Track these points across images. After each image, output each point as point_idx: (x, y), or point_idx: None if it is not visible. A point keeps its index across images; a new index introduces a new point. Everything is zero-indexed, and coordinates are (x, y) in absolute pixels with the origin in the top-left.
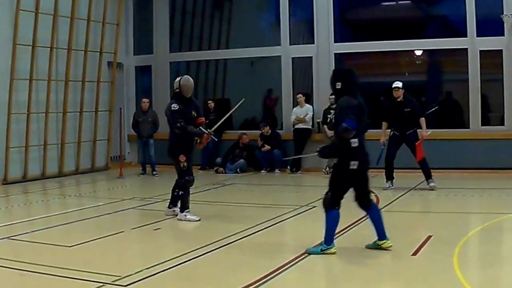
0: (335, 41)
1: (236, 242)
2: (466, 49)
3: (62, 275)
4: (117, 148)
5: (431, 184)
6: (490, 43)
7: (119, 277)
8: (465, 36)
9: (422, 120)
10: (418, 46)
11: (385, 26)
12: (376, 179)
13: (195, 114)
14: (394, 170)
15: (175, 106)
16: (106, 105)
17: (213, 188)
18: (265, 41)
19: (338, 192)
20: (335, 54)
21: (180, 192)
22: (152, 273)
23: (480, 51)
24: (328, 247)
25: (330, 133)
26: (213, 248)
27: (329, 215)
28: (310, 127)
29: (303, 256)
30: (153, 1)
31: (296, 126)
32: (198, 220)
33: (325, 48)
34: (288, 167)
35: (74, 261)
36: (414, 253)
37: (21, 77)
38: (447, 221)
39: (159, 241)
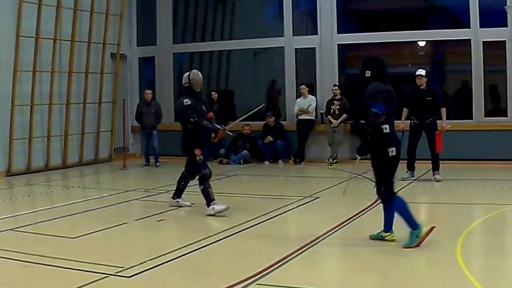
0: (338, 32)
1: (240, 232)
2: (470, 40)
3: (66, 266)
4: (121, 140)
5: (437, 176)
6: (494, 34)
7: (123, 268)
8: (469, 27)
9: (443, 110)
10: (422, 37)
11: (388, 17)
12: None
13: (205, 109)
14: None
15: (187, 101)
16: (109, 96)
17: (216, 179)
18: (269, 32)
19: (389, 180)
20: (338, 45)
21: (201, 187)
22: (156, 264)
23: (484, 42)
24: (417, 230)
25: (335, 123)
26: (217, 239)
27: (396, 207)
28: (313, 118)
29: (307, 246)
30: None
31: (299, 117)
32: (227, 209)
33: (328, 39)
34: (292, 158)
35: (78, 252)
36: (417, 245)
37: (25, 69)
38: (450, 212)
39: (163, 232)
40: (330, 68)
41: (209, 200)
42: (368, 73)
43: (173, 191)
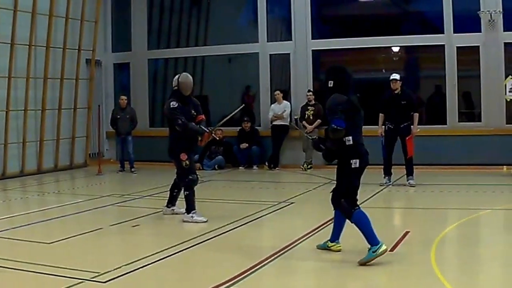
0: (313, 38)
1: (214, 238)
2: (443, 45)
3: (42, 271)
4: (96, 145)
5: (411, 182)
6: (467, 39)
7: (98, 274)
8: (442, 32)
9: (415, 116)
10: (396, 43)
11: (363, 23)
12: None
13: (195, 113)
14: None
15: (174, 104)
16: (84, 102)
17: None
18: (243, 38)
19: (351, 193)
20: (312, 50)
21: (186, 193)
22: (131, 270)
23: (457, 47)
24: (377, 246)
25: (310, 128)
26: (192, 245)
27: (355, 218)
28: (287, 123)
29: (281, 252)
30: None
31: (274, 123)
32: (205, 222)
33: (302, 45)
34: (266, 163)
35: (53, 257)
36: (392, 249)
37: (0, 75)
38: (424, 217)
39: (138, 238)
40: (304, 74)
41: (190, 208)
42: (331, 83)
43: (167, 200)
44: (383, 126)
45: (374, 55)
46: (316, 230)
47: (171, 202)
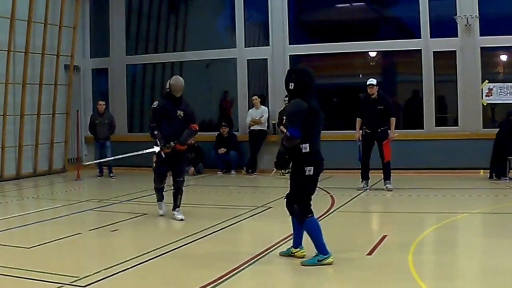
0: (290, 43)
1: (193, 242)
2: (420, 50)
3: (21, 276)
4: (75, 150)
5: (388, 186)
6: (444, 44)
7: (77, 278)
8: (419, 37)
9: (392, 120)
10: (373, 48)
11: (340, 28)
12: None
13: (181, 114)
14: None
15: (154, 104)
16: (63, 107)
17: (170, 189)
18: (221, 43)
19: (305, 199)
20: (290, 56)
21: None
22: (110, 274)
23: (434, 52)
24: (325, 256)
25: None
26: (170, 249)
27: (307, 226)
28: (265, 128)
29: (259, 256)
30: (109, 4)
31: (251, 128)
32: (160, 215)
33: (280, 50)
34: (244, 168)
35: (32, 262)
36: (369, 253)
37: None
38: (402, 221)
39: (117, 242)
40: (282, 79)
41: (157, 199)
42: (291, 85)
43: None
44: (360, 131)
45: (352, 60)
46: (292, 236)
47: (173, 204)
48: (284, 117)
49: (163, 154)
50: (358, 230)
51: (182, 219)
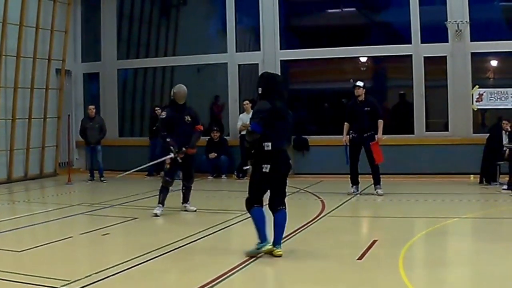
0: (281, 48)
1: (184, 246)
2: (411, 55)
3: (11, 279)
4: (66, 155)
5: (379, 191)
6: (435, 49)
7: (68, 282)
8: (410, 42)
9: (380, 122)
10: (363, 53)
11: (331, 33)
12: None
13: (189, 119)
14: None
15: (163, 115)
16: (54, 111)
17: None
18: (212, 48)
19: (253, 192)
20: (281, 61)
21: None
22: (101, 278)
23: (425, 57)
24: (262, 244)
25: None
26: (162, 253)
27: (252, 214)
28: None
29: (249, 261)
30: (100, 8)
31: (242, 133)
32: (155, 216)
33: (271, 55)
34: (235, 172)
35: (23, 265)
36: (360, 257)
37: None
38: (392, 225)
39: (108, 246)
40: None
41: (158, 201)
42: (260, 90)
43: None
44: (348, 135)
45: (342, 65)
46: (284, 239)
47: (184, 199)
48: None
49: (179, 159)
50: (348, 235)
51: (195, 210)
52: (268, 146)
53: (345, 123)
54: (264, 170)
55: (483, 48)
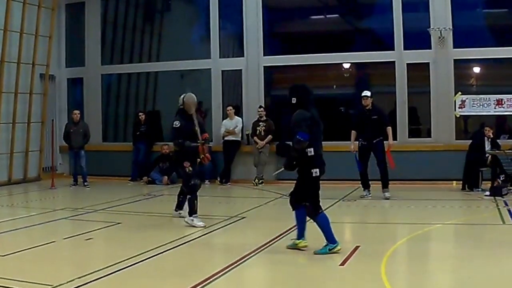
0: (265, 54)
1: (166, 252)
2: (394, 62)
3: None
4: (49, 159)
5: (386, 194)
6: (418, 56)
7: (51, 286)
8: (393, 49)
9: (389, 129)
10: (346, 59)
11: (314, 40)
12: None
13: (197, 129)
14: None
15: (176, 124)
16: (38, 116)
17: (144, 199)
18: (195, 54)
19: (313, 198)
20: (264, 67)
21: (188, 196)
22: (84, 282)
23: (408, 64)
24: (334, 245)
25: (261, 144)
26: (144, 258)
27: (318, 220)
28: (239, 139)
29: (233, 265)
30: (85, 14)
31: (225, 138)
32: (203, 227)
33: (254, 61)
34: (218, 178)
35: (6, 270)
36: (342, 263)
37: None
38: (375, 231)
39: (91, 251)
40: (256, 90)
41: (192, 211)
42: (294, 100)
43: (175, 204)
44: (356, 142)
45: (325, 71)
46: (267, 245)
47: (178, 206)
48: (259, 128)
49: (208, 156)
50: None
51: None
52: (311, 151)
53: (352, 131)
54: (314, 174)
55: (466, 55)
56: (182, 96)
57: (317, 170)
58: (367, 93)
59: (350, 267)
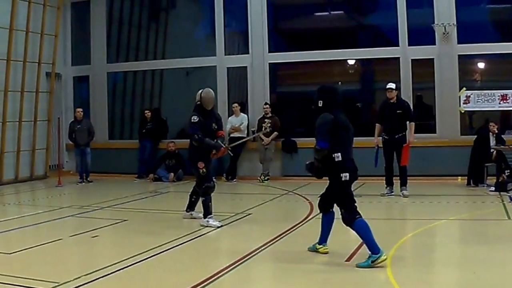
0: (270, 51)
1: (172, 248)
2: (398, 58)
3: (1, 281)
4: (56, 157)
5: (404, 192)
6: (422, 52)
7: (57, 284)
8: (397, 45)
9: (412, 125)
10: (351, 56)
11: (319, 36)
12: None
13: (215, 127)
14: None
15: (195, 118)
16: (44, 115)
17: (150, 196)
18: (201, 51)
19: (349, 204)
20: (269, 63)
21: (202, 199)
22: (91, 280)
23: (412, 60)
24: (377, 255)
25: (266, 141)
26: (151, 255)
27: (356, 227)
28: (245, 136)
29: (239, 262)
30: (90, 12)
31: (231, 135)
32: (220, 227)
33: (259, 58)
34: (224, 175)
35: (13, 268)
36: (348, 259)
37: None
38: (380, 227)
39: (97, 248)
40: (261, 87)
41: (207, 213)
42: (320, 103)
43: (186, 205)
44: (379, 138)
45: (330, 68)
46: (273, 241)
47: (190, 207)
48: (265, 125)
49: (230, 153)
50: (336, 237)
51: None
52: (338, 156)
53: (377, 124)
54: (344, 179)
55: (470, 50)
56: (200, 92)
57: (347, 174)
58: (391, 85)
59: (356, 263)
